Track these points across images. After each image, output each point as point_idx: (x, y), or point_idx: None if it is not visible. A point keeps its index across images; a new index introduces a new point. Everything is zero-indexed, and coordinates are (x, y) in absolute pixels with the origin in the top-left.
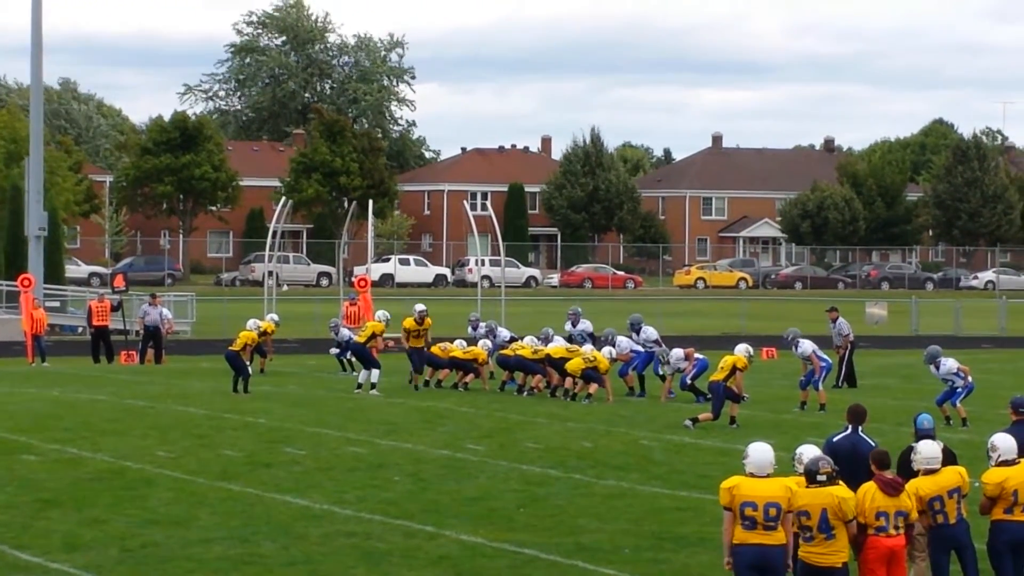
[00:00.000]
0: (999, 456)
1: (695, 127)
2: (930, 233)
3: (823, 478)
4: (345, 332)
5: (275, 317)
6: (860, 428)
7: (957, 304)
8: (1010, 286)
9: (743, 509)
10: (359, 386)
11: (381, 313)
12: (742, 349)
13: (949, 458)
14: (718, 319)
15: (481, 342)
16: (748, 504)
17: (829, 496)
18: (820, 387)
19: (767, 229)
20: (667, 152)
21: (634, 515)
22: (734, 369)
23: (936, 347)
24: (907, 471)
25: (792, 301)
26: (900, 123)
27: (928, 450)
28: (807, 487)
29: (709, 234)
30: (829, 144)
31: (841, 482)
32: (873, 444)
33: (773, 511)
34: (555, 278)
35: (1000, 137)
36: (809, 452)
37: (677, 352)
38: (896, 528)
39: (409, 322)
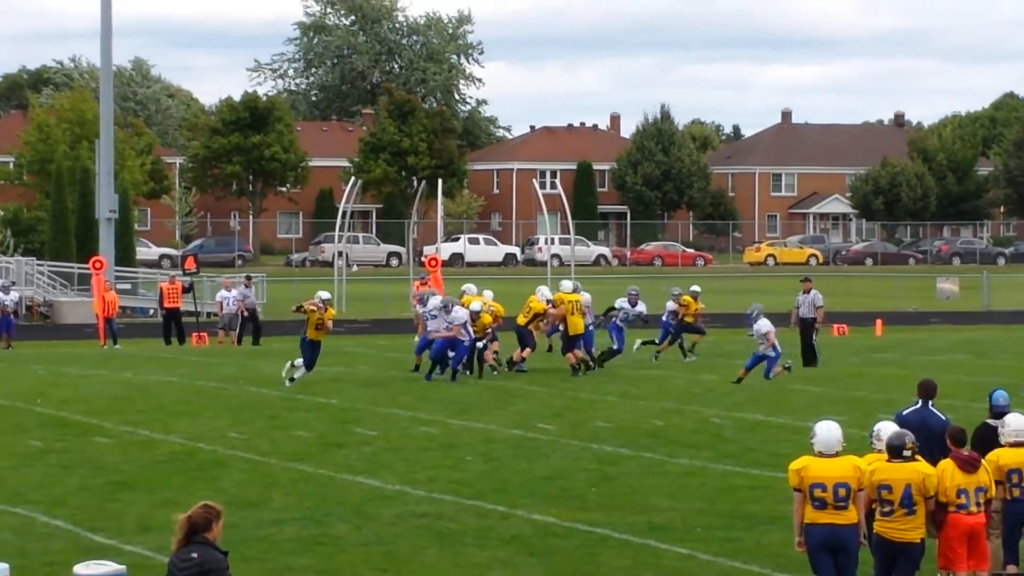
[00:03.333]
0: None
1: (764, 104)
2: (1001, 209)
3: (908, 453)
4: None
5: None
6: (930, 403)
7: None
8: None
9: (812, 490)
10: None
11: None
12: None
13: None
14: (787, 296)
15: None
16: (817, 485)
17: (914, 471)
18: (771, 376)
19: (837, 205)
20: (736, 129)
21: (706, 494)
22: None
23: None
24: (982, 448)
25: (863, 277)
26: (971, 97)
27: (1017, 423)
28: (889, 462)
29: (779, 211)
30: (899, 119)
31: (921, 458)
32: (944, 419)
33: (843, 491)
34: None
35: None
36: (888, 428)
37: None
38: (977, 505)
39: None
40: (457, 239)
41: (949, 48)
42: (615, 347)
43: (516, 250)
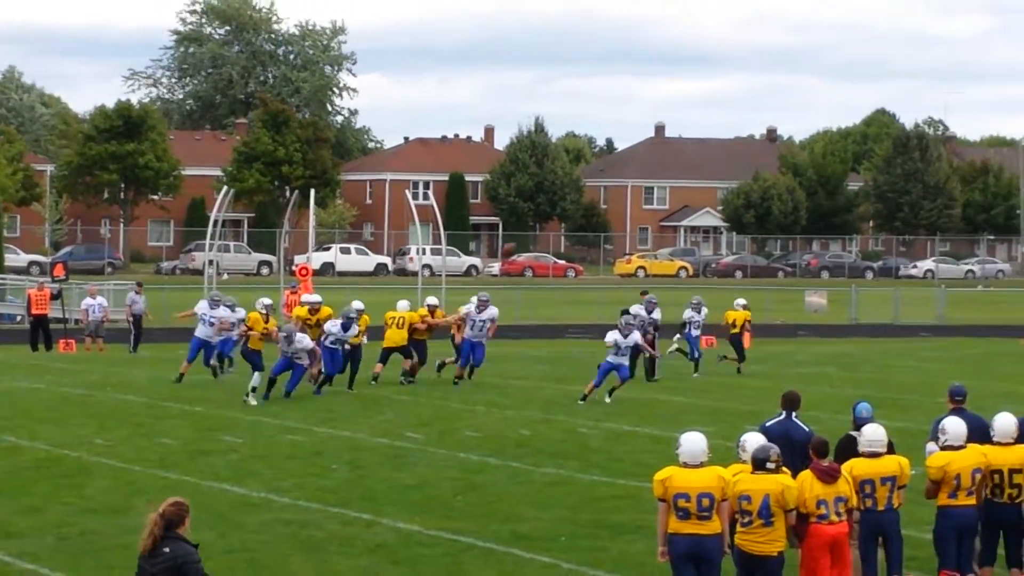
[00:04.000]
0: (945, 440)
1: (639, 118)
2: (870, 223)
3: (772, 466)
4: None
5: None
6: (794, 414)
7: (896, 293)
8: (949, 275)
9: (676, 500)
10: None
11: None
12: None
13: (888, 448)
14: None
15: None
16: (681, 495)
17: (774, 483)
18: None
19: (708, 218)
20: (609, 142)
21: (571, 503)
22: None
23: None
24: (844, 459)
25: (732, 289)
26: (843, 114)
27: (873, 433)
28: (752, 473)
29: (650, 223)
30: (771, 134)
31: (785, 470)
32: (807, 430)
33: (706, 501)
34: (496, 267)
35: (942, 128)
36: (754, 440)
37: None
38: (838, 515)
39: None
40: (328, 248)
41: (824, 66)
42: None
43: (387, 260)
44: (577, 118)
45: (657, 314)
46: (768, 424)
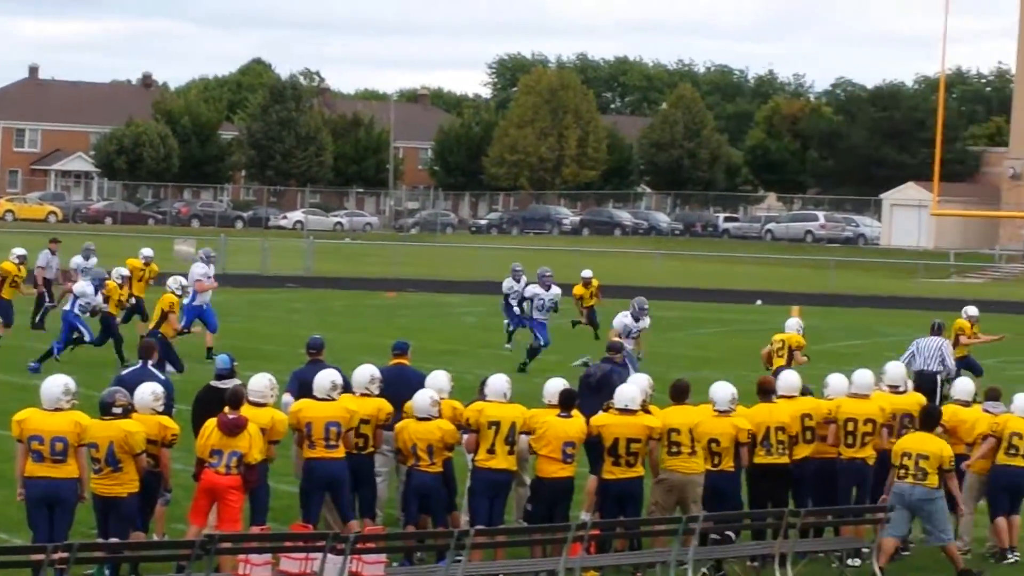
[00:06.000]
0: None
1: (11, 57)
2: (243, 173)
3: (118, 411)
4: None
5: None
6: (150, 363)
7: (265, 243)
8: (318, 227)
9: (31, 442)
10: None
11: None
12: None
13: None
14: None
15: None
16: (35, 438)
17: (117, 429)
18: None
19: (81, 163)
20: None
21: None
22: None
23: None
24: (206, 410)
25: (102, 235)
26: (220, 62)
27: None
28: (101, 419)
29: (21, 166)
30: (147, 80)
31: (136, 415)
32: (164, 378)
33: (60, 445)
34: None
35: (318, 79)
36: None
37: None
38: (228, 467)
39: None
40: None
41: (202, 11)
42: (540, 343)
43: None
44: None
45: (556, 291)
46: (123, 374)
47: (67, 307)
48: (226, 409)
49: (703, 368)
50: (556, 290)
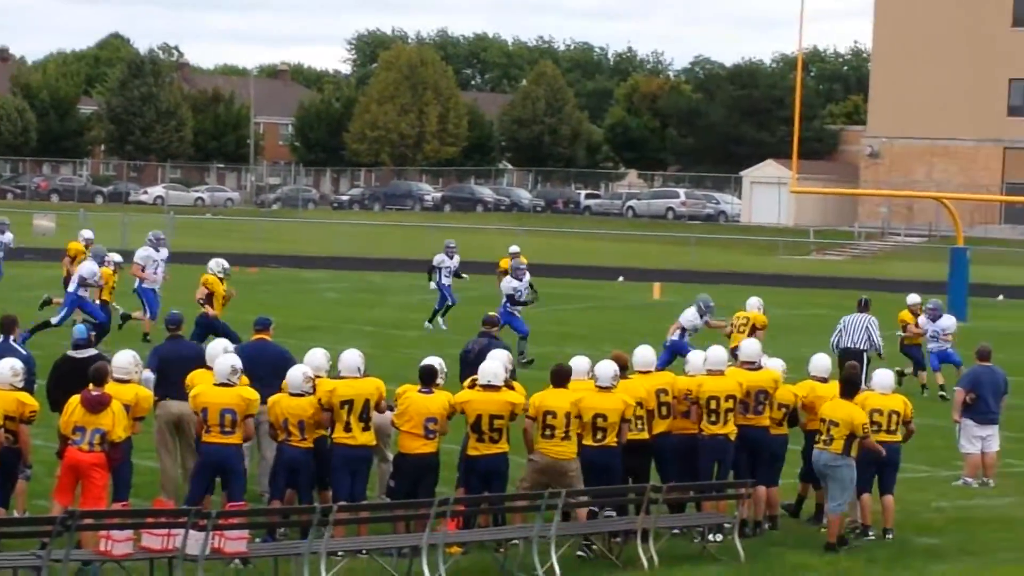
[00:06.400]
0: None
1: None
2: (102, 147)
3: None
4: None
5: None
6: (11, 338)
7: (125, 218)
8: (179, 202)
9: None
10: None
11: None
12: None
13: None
14: None
15: None
16: None
17: None
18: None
19: None
20: None
21: None
22: None
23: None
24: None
25: None
26: (77, 36)
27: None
28: None
29: None
30: (4, 53)
31: None
32: (26, 353)
33: None
34: None
35: (177, 54)
36: None
37: None
38: (91, 445)
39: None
40: None
41: None
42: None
43: None
44: None
45: (457, 259)
46: None
47: None
48: (90, 386)
49: (565, 344)
50: (528, 277)
